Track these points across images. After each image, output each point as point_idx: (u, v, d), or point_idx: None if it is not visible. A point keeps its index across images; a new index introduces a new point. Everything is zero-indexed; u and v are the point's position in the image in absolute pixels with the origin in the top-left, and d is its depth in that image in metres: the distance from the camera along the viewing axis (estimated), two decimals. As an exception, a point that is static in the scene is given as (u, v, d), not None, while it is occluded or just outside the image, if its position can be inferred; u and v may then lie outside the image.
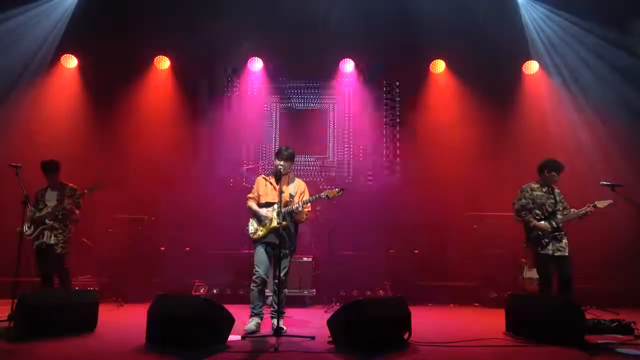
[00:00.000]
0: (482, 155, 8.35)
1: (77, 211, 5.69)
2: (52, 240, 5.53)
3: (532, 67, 8.59)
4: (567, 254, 5.21)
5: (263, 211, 4.92)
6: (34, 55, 8.10)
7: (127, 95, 8.57)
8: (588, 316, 4.92)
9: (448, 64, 8.77)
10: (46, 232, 5.54)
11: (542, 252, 5.22)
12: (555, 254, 5.18)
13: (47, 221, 5.56)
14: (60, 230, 5.60)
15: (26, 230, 5.55)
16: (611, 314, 6.02)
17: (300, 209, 4.83)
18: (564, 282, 5.15)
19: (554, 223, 5.25)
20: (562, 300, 4.81)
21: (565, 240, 5.27)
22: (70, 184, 5.79)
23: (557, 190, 5.48)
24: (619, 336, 4.68)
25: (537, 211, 5.36)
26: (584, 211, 5.21)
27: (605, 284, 7.11)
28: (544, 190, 5.44)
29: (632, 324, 4.84)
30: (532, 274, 6.91)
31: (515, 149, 8.22)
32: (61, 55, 8.40)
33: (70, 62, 8.49)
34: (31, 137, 7.96)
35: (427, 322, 5.67)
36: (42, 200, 5.71)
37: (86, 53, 8.45)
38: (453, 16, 7.90)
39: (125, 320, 5.52)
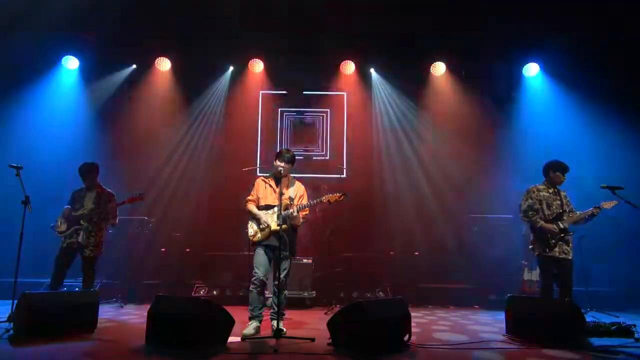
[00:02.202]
0: (482, 157, 8.37)
1: (117, 215, 5.76)
2: (84, 242, 5.56)
3: (532, 69, 8.61)
4: (570, 257, 5.19)
5: (263, 216, 4.90)
6: (35, 56, 8.11)
7: (128, 96, 8.60)
8: (588, 319, 4.91)
9: (448, 66, 8.80)
10: (81, 233, 5.57)
11: (548, 254, 5.18)
12: (560, 256, 5.16)
13: (82, 222, 5.59)
14: (93, 233, 5.62)
15: (59, 227, 5.61)
16: (611, 317, 6.02)
17: (295, 214, 4.82)
18: (564, 285, 5.13)
19: (561, 224, 5.23)
20: (562, 302, 4.80)
21: (571, 244, 5.25)
22: (108, 190, 5.84)
23: (563, 193, 5.45)
24: (619, 339, 4.67)
25: (547, 212, 5.32)
26: (590, 212, 5.18)
27: (605, 287, 7.11)
28: (550, 191, 5.40)
29: (633, 327, 4.83)
30: (532, 275, 6.92)
31: (516, 151, 8.23)
32: (62, 56, 8.41)
33: (71, 63, 8.51)
34: (32, 138, 7.98)
35: (427, 323, 5.68)
36: (80, 201, 5.72)
37: (87, 54, 8.47)
38: (454, 18, 7.92)
39: (125, 321, 5.51)
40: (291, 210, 4.80)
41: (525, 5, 7.72)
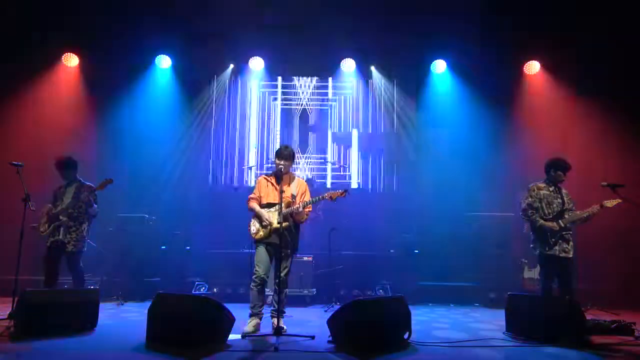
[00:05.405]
0: (482, 155, 8.36)
1: (94, 205, 5.64)
2: (66, 238, 5.51)
3: (533, 67, 8.59)
4: (571, 255, 5.16)
5: (265, 214, 4.90)
6: (35, 54, 8.10)
7: (128, 94, 8.58)
8: (588, 316, 4.92)
9: (449, 64, 8.79)
10: (61, 229, 5.52)
11: (548, 252, 5.14)
12: (561, 255, 5.13)
13: (61, 218, 5.54)
14: (73, 228, 5.56)
15: (41, 226, 5.55)
16: (611, 315, 6.02)
17: (301, 209, 4.83)
18: (565, 284, 5.12)
19: (561, 222, 5.21)
20: (563, 300, 4.79)
21: (572, 242, 5.22)
22: (87, 183, 5.74)
23: (564, 191, 5.42)
24: (620, 337, 4.67)
25: (548, 210, 5.30)
26: (590, 212, 5.13)
27: (605, 285, 7.11)
28: (550, 189, 5.37)
29: (633, 325, 4.84)
30: (532, 274, 6.92)
31: (515, 149, 8.22)
32: (62, 54, 8.40)
33: (72, 60, 8.50)
34: (32, 136, 7.97)
35: (427, 321, 5.68)
36: (60, 197, 5.67)
37: (87, 51, 8.46)
38: (454, 16, 7.90)
39: (125, 320, 5.52)
40: (296, 206, 4.81)
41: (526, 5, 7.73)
